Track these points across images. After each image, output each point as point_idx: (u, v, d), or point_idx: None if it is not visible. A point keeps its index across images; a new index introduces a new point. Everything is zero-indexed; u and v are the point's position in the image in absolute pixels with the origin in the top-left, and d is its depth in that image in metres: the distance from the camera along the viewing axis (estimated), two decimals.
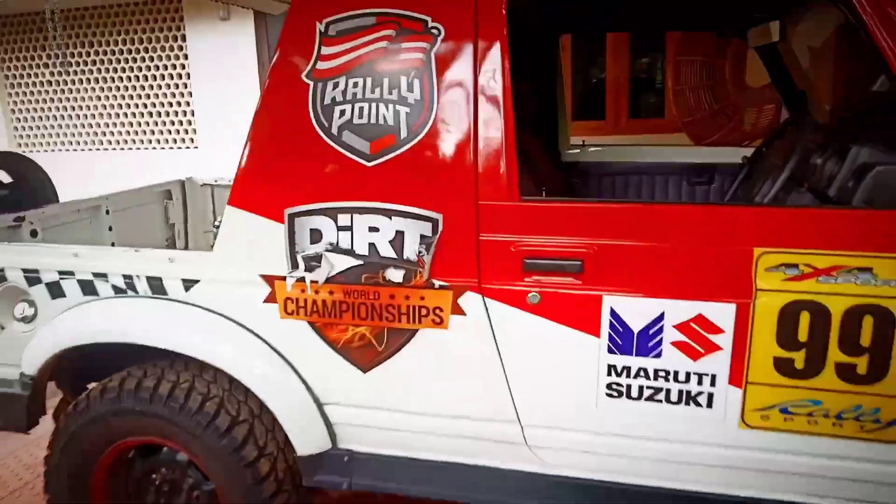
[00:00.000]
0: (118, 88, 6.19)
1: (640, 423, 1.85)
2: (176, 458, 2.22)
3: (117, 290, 2.17)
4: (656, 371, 1.80)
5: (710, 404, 1.79)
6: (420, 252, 1.89)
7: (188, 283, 2.10)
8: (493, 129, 1.84)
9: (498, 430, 1.97)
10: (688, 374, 1.79)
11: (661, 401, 1.82)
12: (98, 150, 6.44)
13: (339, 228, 1.94)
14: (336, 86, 1.92)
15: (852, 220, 1.65)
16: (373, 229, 1.92)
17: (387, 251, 1.92)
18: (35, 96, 6.55)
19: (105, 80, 6.22)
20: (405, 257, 1.91)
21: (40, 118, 6.56)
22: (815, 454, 1.76)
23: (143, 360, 2.19)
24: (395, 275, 1.92)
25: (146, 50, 6.02)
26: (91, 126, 6.40)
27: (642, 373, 1.81)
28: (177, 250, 2.21)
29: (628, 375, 1.83)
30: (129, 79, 6.15)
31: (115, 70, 6.15)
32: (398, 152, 1.89)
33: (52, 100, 6.49)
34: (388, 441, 2.08)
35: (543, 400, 1.91)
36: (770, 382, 1.74)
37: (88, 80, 6.28)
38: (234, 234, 2.04)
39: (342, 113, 1.91)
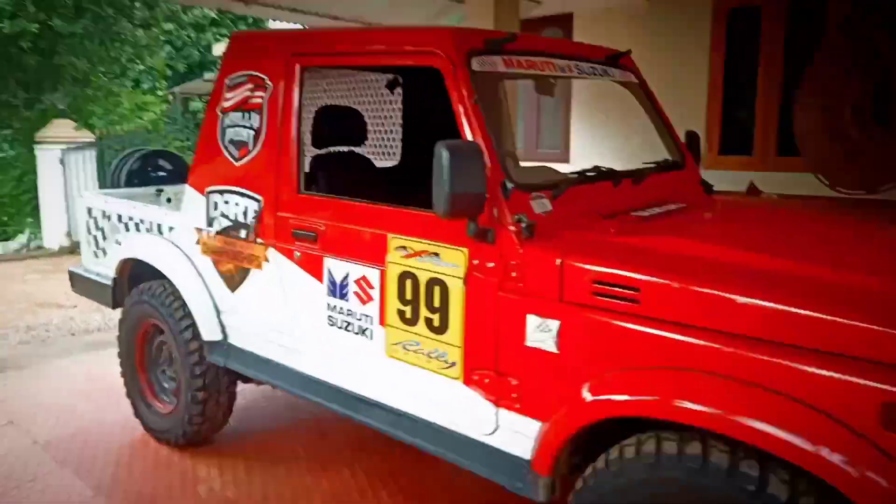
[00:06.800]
0: None
1: (343, 344, 2.79)
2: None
3: (147, 230, 3.72)
4: (347, 310, 2.74)
5: (371, 337, 2.68)
6: (252, 220, 3.07)
7: (171, 229, 3.56)
8: (287, 146, 2.94)
9: (285, 339, 3.05)
10: (360, 315, 2.69)
11: (350, 331, 2.75)
12: None
13: (224, 202, 3.21)
14: (228, 116, 3.19)
15: (428, 220, 2.43)
16: (236, 204, 3.15)
17: (241, 218, 3.13)
18: None
19: None
20: (247, 223, 3.10)
21: None
22: (422, 381, 2.53)
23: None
24: (242, 233, 3.13)
25: None
26: None
27: (341, 310, 2.76)
28: (169, 210, 3.66)
29: (336, 311, 2.79)
30: None
31: None
32: (248, 158, 3.10)
33: None
34: (243, 339, 3.28)
35: (303, 321, 2.95)
36: (397, 326, 2.57)
37: None
38: (187, 202, 3.43)
39: (229, 133, 3.19)
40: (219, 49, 9.56)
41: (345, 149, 3.43)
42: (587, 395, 2.04)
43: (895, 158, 5.42)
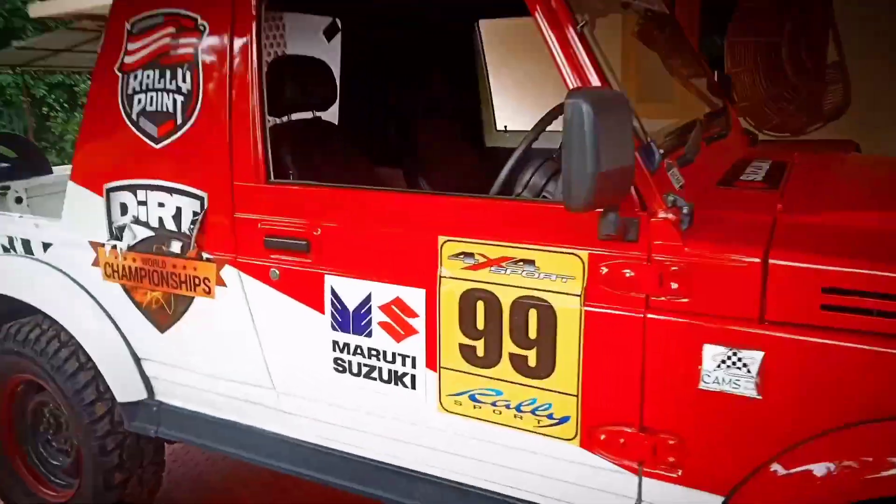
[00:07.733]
0: None
1: (362, 398, 1.94)
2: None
3: (4, 249, 2.58)
4: (369, 349, 1.89)
5: (413, 385, 1.85)
6: (191, 227, 2.10)
7: (46, 246, 2.46)
8: (244, 115, 1.99)
9: (260, 394, 2.13)
10: (394, 355, 1.85)
11: (375, 378, 1.90)
12: None
13: (139, 203, 2.20)
14: (136, 77, 2.17)
15: (510, 211, 1.65)
16: (160, 205, 2.15)
17: (170, 225, 2.14)
18: None
19: None
20: (182, 231, 2.12)
21: None
22: (502, 444, 1.76)
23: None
24: (175, 246, 2.14)
25: None
26: None
27: (359, 350, 1.90)
28: (42, 217, 2.57)
29: (349, 352, 1.92)
30: None
31: None
32: (176, 136, 2.10)
33: None
34: (185, 395, 2.31)
35: (289, 369, 2.05)
36: (458, 369, 1.76)
37: None
38: (72, 205, 2.36)
39: (139, 101, 2.16)
40: (37, 10, 7.81)
41: (308, 115, 2.48)
42: (823, 468, 1.37)
43: (822, 98, 5.30)
